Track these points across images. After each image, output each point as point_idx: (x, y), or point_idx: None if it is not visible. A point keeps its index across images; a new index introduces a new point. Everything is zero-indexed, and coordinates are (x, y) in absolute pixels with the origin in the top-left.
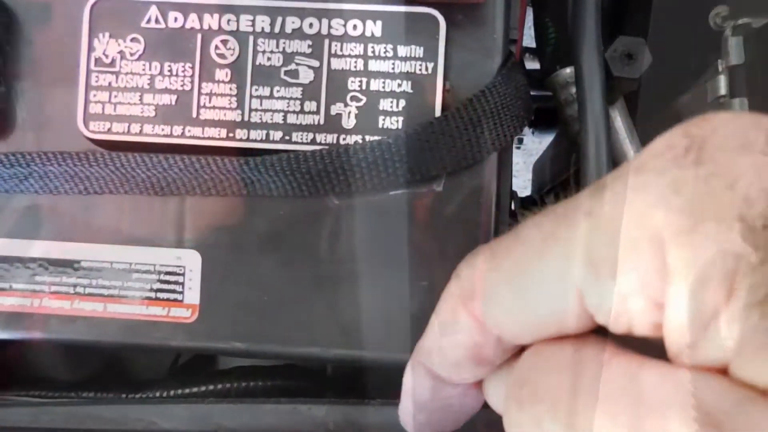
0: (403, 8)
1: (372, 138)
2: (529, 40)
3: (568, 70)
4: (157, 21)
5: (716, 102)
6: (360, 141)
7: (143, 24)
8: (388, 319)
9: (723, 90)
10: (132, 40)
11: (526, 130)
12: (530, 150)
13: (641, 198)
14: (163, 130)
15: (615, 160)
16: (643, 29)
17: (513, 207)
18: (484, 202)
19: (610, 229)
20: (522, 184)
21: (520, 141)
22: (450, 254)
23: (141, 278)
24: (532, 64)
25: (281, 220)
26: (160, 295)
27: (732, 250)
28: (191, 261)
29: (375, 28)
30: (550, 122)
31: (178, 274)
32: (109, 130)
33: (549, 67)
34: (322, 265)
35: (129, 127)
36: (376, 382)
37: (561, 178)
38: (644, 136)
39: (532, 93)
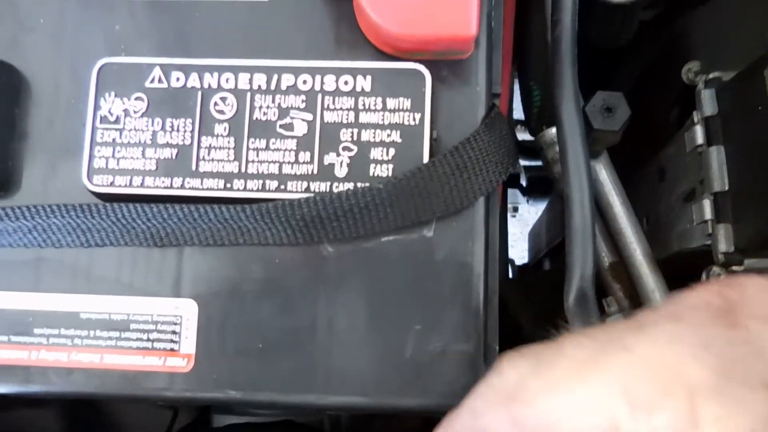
0: (391, 64)
1: (363, 185)
2: (518, 114)
3: (554, 130)
4: (160, 81)
5: (695, 151)
6: (352, 188)
7: (147, 84)
8: (384, 364)
9: (700, 140)
10: (136, 98)
11: (521, 199)
12: (526, 219)
13: (677, 348)
14: (163, 182)
15: (602, 211)
16: (622, 85)
17: (510, 274)
18: (474, 246)
19: (647, 369)
20: (520, 254)
21: (516, 210)
22: (442, 297)
23: (138, 328)
24: (523, 135)
25: (277, 268)
26: (157, 345)
27: (756, 414)
28: (188, 310)
29: (365, 83)
30: (544, 190)
31: (175, 324)
32: (111, 183)
33: (536, 127)
34: (317, 311)
35: (131, 180)
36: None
37: (555, 242)
38: (629, 188)
39: (525, 164)
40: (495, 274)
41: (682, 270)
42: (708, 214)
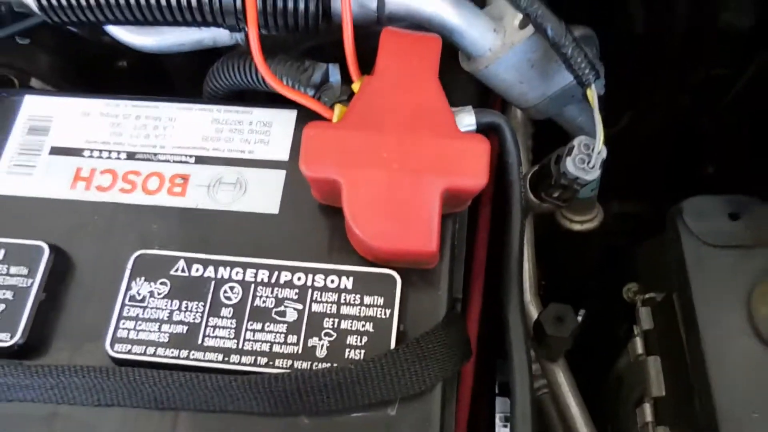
0: (369, 269)
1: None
2: None
3: None
4: (182, 270)
5: (637, 360)
6: (328, 367)
7: (171, 272)
8: None
9: (640, 350)
10: (161, 283)
11: None
12: None
13: None
14: (172, 353)
15: (560, 411)
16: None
17: None
18: (431, 427)
19: None
20: None
21: (507, 419)
22: None
23: None
24: None
25: None
26: None
27: None
28: None
29: (347, 282)
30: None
31: None
32: (129, 351)
33: None
34: None
35: (146, 349)
36: None
37: None
38: (595, 397)
39: None
40: None
41: None
42: (648, 416)
